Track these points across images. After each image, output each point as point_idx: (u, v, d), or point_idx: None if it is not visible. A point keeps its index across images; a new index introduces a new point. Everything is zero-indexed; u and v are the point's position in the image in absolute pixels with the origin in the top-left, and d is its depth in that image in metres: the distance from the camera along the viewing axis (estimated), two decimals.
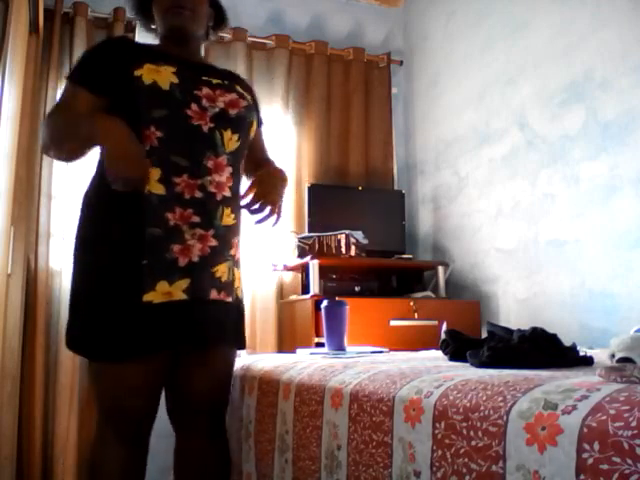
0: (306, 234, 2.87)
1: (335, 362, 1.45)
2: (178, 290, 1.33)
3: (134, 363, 1.34)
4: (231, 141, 1.45)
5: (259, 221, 1.49)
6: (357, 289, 2.77)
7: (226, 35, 3.13)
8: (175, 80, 1.38)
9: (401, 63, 3.57)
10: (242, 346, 1.55)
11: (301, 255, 2.80)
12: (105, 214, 1.37)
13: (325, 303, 1.95)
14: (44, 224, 2.68)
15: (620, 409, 0.71)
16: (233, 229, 1.45)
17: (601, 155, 2.30)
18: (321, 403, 1.25)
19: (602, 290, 2.27)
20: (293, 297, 2.87)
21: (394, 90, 3.47)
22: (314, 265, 2.67)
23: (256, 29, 3.20)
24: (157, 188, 1.34)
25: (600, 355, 1.41)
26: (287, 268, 2.95)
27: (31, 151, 2.66)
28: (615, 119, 2.25)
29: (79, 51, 2.81)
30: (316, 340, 2.48)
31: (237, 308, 1.50)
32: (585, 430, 0.71)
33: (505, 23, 2.85)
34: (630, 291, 2.16)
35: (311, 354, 1.86)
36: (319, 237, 2.77)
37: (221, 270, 1.41)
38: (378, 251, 2.98)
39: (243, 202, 1.48)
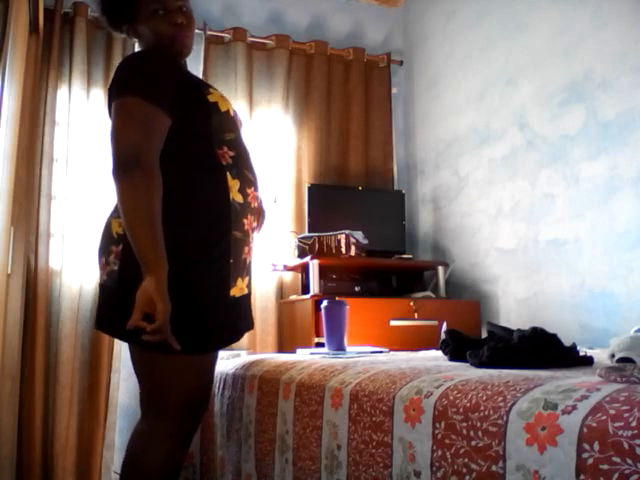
0: (306, 234, 2.87)
1: (335, 362, 1.45)
2: (245, 285, 1.50)
3: (212, 355, 1.49)
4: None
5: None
6: (357, 289, 2.77)
7: (226, 35, 3.13)
8: (233, 107, 1.55)
9: (401, 63, 3.57)
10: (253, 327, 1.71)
11: (301, 255, 2.80)
12: (203, 219, 1.41)
13: (325, 303, 1.95)
14: (44, 224, 2.68)
15: (620, 409, 0.71)
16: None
17: (601, 155, 2.30)
18: (321, 403, 1.25)
19: (602, 290, 2.27)
20: (293, 297, 2.87)
21: (394, 90, 3.48)
22: (314, 265, 2.67)
23: (256, 29, 3.21)
24: (238, 197, 1.47)
25: (600, 355, 1.41)
26: (287, 268, 2.95)
27: (31, 151, 2.66)
28: (615, 119, 2.25)
29: (79, 51, 2.82)
30: (316, 340, 2.48)
31: None
32: (585, 430, 0.71)
33: (505, 23, 2.85)
34: (630, 291, 2.16)
35: (311, 354, 1.86)
36: (319, 237, 2.77)
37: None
38: (378, 251, 2.98)
39: None
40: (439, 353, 1.65)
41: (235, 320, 1.48)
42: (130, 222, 1.26)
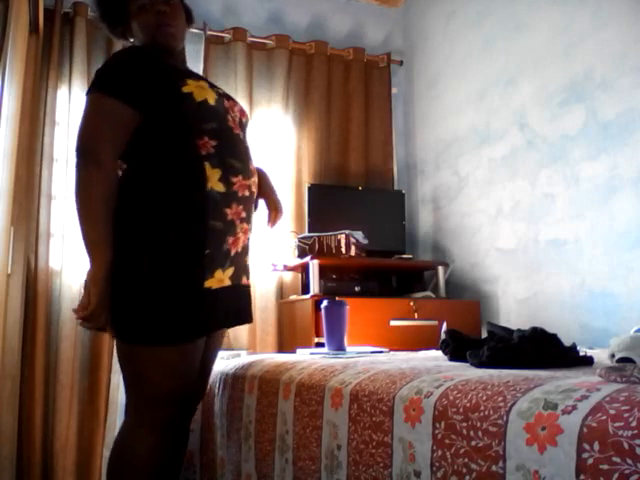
0: (306, 234, 2.87)
1: (335, 362, 1.45)
2: (226, 277, 1.46)
3: (190, 345, 1.44)
4: (248, 146, 1.60)
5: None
6: (357, 289, 2.77)
7: (226, 35, 3.13)
8: (216, 96, 1.51)
9: (401, 63, 3.57)
10: (251, 320, 1.67)
11: (301, 255, 2.80)
12: (168, 209, 1.41)
13: (325, 303, 1.95)
14: (44, 224, 2.68)
15: (620, 409, 0.71)
16: (253, 223, 1.62)
17: (601, 155, 2.30)
18: (321, 403, 1.25)
19: (602, 290, 2.27)
20: (293, 297, 2.87)
21: (394, 90, 3.48)
22: (314, 265, 2.67)
23: (256, 29, 3.21)
24: (218, 186, 1.44)
25: (600, 355, 1.41)
26: (287, 268, 2.95)
27: (31, 151, 2.66)
28: (615, 119, 2.25)
29: (79, 51, 2.82)
30: (316, 340, 2.48)
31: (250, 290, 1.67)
32: (585, 430, 0.71)
33: (505, 23, 2.85)
34: (630, 291, 2.16)
35: (311, 354, 1.86)
36: (319, 237, 2.76)
37: (248, 258, 1.58)
38: (378, 251, 2.98)
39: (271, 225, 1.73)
40: (439, 353, 1.65)
41: (210, 312, 1.42)
42: (78, 211, 1.36)
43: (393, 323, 2.56)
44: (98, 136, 1.38)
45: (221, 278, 1.44)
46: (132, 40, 1.62)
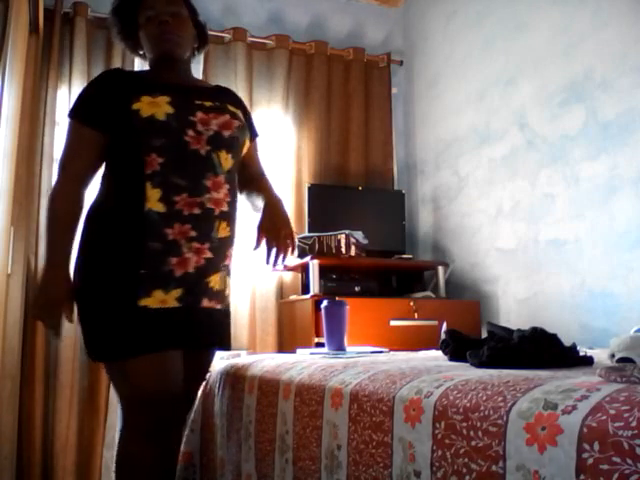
0: (306, 234, 2.87)
1: (335, 362, 1.45)
2: (172, 298, 1.44)
3: (142, 359, 1.41)
4: (227, 161, 1.54)
5: (279, 260, 1.58)
6: (357, 289, 2.77)
7: (226, 35, 3.13)
8: (170, 110, 1.47)
9: (401, 63, 3.57)
10: (228, 347, 1.66)
11: (301, 255, 2.80)
12: (108, 228, 1.48)
13: (325, 303, 1.95)
14: (44, 224, 2.67)
15: (620, 409, 0.71)
16: (228, 241, 1.54)
17: (601, 155, 2.30)
18: (321, 403, 1.25)
19: (602, 290, 2.27)
20: (293, 297, 2.87)
21: (394, 90, 3.48)
22: (314, 265, 2.67)
23: (256, 29, 3.21)
24: (157, 206, 1.44)
25: (600, 355, 1.41)
26: (287, 268, 2.95)
27: (31, 151, 2.66)
28: (615, 119, 2.25)
29: (79, 51, 2.82)
30: (316, 340, 2.48)
31: (225, 313, 1.62)
32: (585, 430, 0.71)
33: (505, 23, 2.85)
34: (630, 291, 2.16)
35: (311, 354, 1.86)
36: (319, 237, 2.76)
37: (214, 280, 1.52)
38: (378, 251, 2.98)
39: (265, 258, 1.58)
40: (439, 353, 1.65)
41: (147, 330, 1.41)
42: (45, 224, 1.52)
43: (393, 323, 2.56)
44: (66, 157, 1.52)
45: (162, 299, 1.42)
46: (141, 52, 1.67)
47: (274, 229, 1.57)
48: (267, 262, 1.57)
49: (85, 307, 1.47)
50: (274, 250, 1.56)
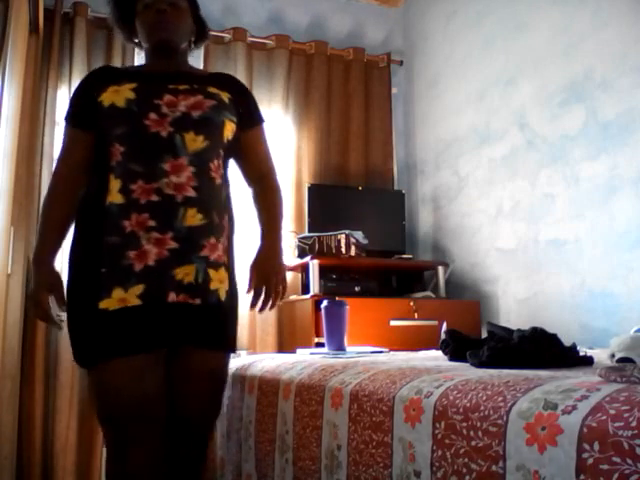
0: (306, 234, 2.87)
1: (335, 362, 1.45)
2: (132, 296, 1.35)
3: (107, 366, 1.35)
4: (195, 142, 1.44)
5: (262, 307, 1.54)
6: (357, 289, 2.77)
7: (226, 35, 3.13)
8: (131, 96, 1.43)
9: (401, 63, 3.57)
10: (224, 347, 1.50)
11: (301, 255, 2.80)
12: (78, 227, 1.48)
13: (325, 303, 1.95)
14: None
15: (620, 409, 0.71)
16: (201, 230, 1.42)
17: (601, 155, 2.30)
18: (321, 403, 1.25)
19: (602, 290, 2.27)
20: (293, 297, 2.87)
21: (394, 90, 3.48)
22: (314, 265, 2.67)
23: (256, 29, 3.21)
24: (117, 198, 1.39)
25: (600, 355, 1.41)
26: (287, 268, 2.95)
27: (31, 151, 2.66)
28: (615, 119, 2.25)
29: (79, 51, 2.82)
30: (316, 340, 2.48)
31: (216, 309, 1.44)
32: (585, 430, 0.71)
33: (505, 23, 2.85)
34: (630, 291, 2.16)
35: (311, 354, 1.86)
36: (319, 237, 2.76)
37: (183, 272, 1.38)
38: (378, 251, 2.98)
39: (250, 302, 1.53)
40: (439, 353, 1.65)
41: (109, 334, 1.33)
42: (44, 206, 1.53)
43: (393, 323, 2.56)
44: (59, 158, 1.53)
45: (122, 297, 1.33)
46: (137, 40, 1.64)
47: (264, 276, 1.52)
48: (251, 306, 1.52)
49: (68, 309, 1.44)
50: (262, 296, 1.51)
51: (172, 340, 1.40)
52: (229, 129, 1.53)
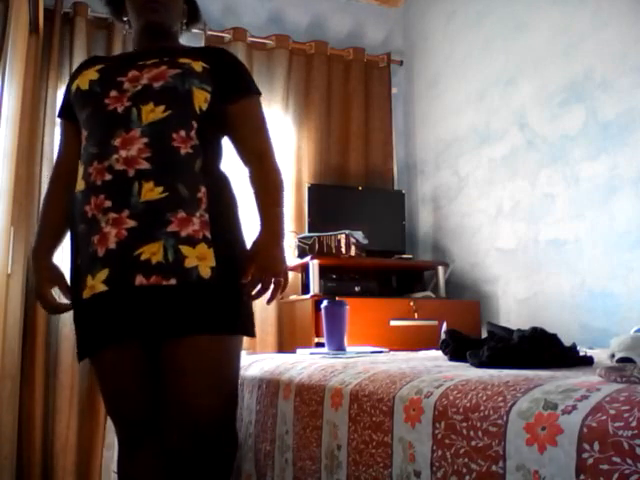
0: (306, 234, 2.87)
1: (335, 362, 1.45)
2: (98, 282, 1.28)
3: (96, 359, 1.37)
4: (152, 113, 1.34)
5: (267, 297, 1.40)
6: (357, 289, 2.77)
7: (226, 35, 3.13)
8: (94, 77, 1.40)
9: (401, 63, 3.57)
10: (219, 329, 1.31)
11: (301, 255, 2.80)
12: (69, 221, 1.48)
13: (325, 303, 1.95)
14: None
15: (620, 409, 0.71)
16: (163, 203, 1.29)
17: (601, 155, 2.30)
18: (321, 403, 1.25)
19: (602, 290, 2.27)
20: (293, 297, 2.87)
21: (394, 90, 3.47)
22: (314, 265, 2.67)
23: (256, 29, 3.21)
24: (80, 185, 1.38)
25: (600, 355, 1.41)
26: (287, 268, 2.94)
27: (31, 151, 2.66)
28: (615, 119, 2.25)
29: (79, 51, 2.82)
30: (316, 340, 2.48)
31: (199, 288, 1.29)
32: (585, 430, 0.71)
33: (505, 23, 2.85)
34: (630, 291, 2.16)
35: (311, 354, 1.86)
36: (319, 237, 2.76)
37: (149, 251, 1.27)
38: (378, 251, 2.98)
39: (245, 289, 1.37)
40: (439, 353, 1.65)
41: (90, 325, 1.33)
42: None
43: (393, 323, 2.56)
44: (57, 154, 1.55)
45: (92, 285, 1.29)
46: (125, 19, 1.58)
47: (263, 266, 1.36)
48: (246, 296, 1.36)
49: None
50: (259, 287, 1.36)
51: (149, 329, 1.29)
52: (200, 98, 1.40)
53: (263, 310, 2.94)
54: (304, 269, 2.82)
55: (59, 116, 1.55)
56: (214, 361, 1.32)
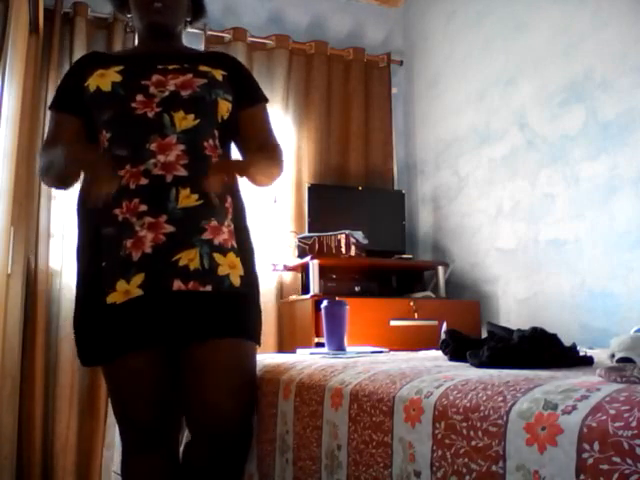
0: (306, 234, 2.87)
1: (335, 362, 1.45)
2: (134, 287, 1.28)
3: (116, 365, 1.34)
4: (184, 121, 1.36)
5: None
6: (357, 289, 2.77)
7: (226, 35, 3.13)
8: (117, 79, 1.38)
9: (401, 63, 3.57)
10: (247, 335, 1.39)
11: (301, 255, 2.80)
12: (78, 221, 1.43)
13: (325, 303, 1.95)
14: (44, 224, 2.68)
15: (620, 409, 0.71)
16: (199, 211, 1.32)
17: (601, 155, 2.30)
18: (321, 403, 1.25)
19: (602, 290, 2.27)
20: (293, 297, 2.87)
21: (394, 90, 3.48)
22: (314, 265, 2.67)
23: (256, 29, 3.21)
24: None
25: (600, 355, 1.41)
26: (287, 268, 2.95)
27: (31, 151, 2.66)
28: (615, 119, 2.25)
29: (79, 51, 2.82)
30: (316, 340, 2.48)
31: (231, 296, 1.34)
32: (585, 430, 0.71)
33: (505, 23, 2.85)
34: (630, 291, 2.16)
35: (311, 354, 1.86)
36: (319, 237, 2.76)
37: (187, 257, 1.29)
38: (378, 251, 2.98)
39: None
40: (439, 353, 1.65)
41: (120, 329, 1.30)
42: (48, 181, 1.47)
43: (393, 323, 2.56)
44: (45, 141, 1.48)
45: (126, 289, 1.28)
46: (129, 16, 1.58)
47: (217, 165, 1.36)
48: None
49: (75, 307, 1.41)
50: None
51: (182, 333, 1.31)
52: (224, 108, 1.44)
53: (263, 310, 2.92)
54: (304, 269, 2.82)
55: (56, 108, 1.48)
56: (235, 363, 1.37)
